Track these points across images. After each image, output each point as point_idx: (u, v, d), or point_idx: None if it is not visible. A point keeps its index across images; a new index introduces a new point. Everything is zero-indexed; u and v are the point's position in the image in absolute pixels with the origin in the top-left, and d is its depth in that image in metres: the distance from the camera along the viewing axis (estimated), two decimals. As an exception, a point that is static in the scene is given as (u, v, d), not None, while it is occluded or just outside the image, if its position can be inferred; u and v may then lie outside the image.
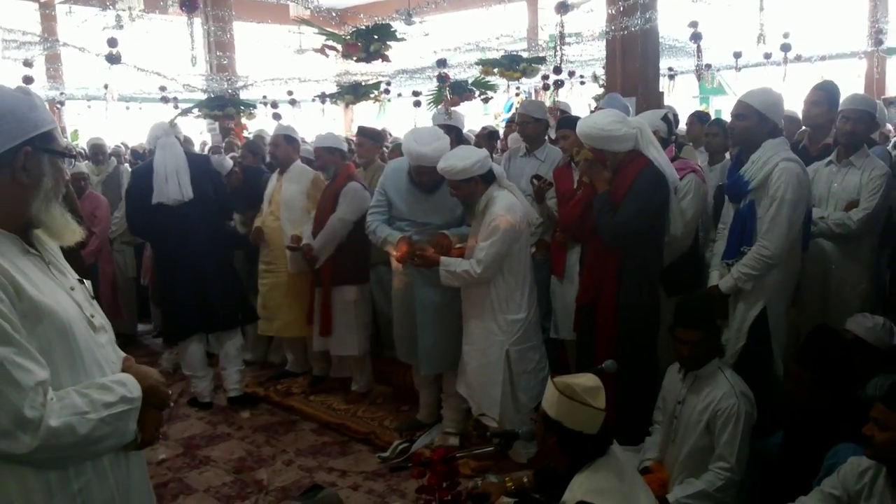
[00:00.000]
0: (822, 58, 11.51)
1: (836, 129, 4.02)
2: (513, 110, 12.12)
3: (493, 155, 5.28)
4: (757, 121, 3.37)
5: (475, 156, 3.66)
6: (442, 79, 6.09)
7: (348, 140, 6.62)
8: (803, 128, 4.94)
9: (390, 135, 8.55)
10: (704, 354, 3.04)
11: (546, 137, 4.86)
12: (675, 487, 3.00)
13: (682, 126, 6.24)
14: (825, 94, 4.20)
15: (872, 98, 4.07)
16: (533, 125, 4.70)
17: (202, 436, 4.51)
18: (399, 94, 11.73)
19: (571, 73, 11.19)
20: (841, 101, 4.09)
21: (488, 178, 3.71)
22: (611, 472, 2.38)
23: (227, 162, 5.87)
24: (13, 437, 1.45)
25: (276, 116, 10.34)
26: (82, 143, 10.28)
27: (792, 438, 2.93)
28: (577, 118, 4.42)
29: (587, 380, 2.45)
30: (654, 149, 3.55)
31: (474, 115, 10.46)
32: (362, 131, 5.52)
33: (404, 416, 4.56)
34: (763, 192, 3.32)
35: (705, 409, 2.98)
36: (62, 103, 11.70)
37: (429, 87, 9.79)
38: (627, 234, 3.43)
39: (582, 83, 12.06)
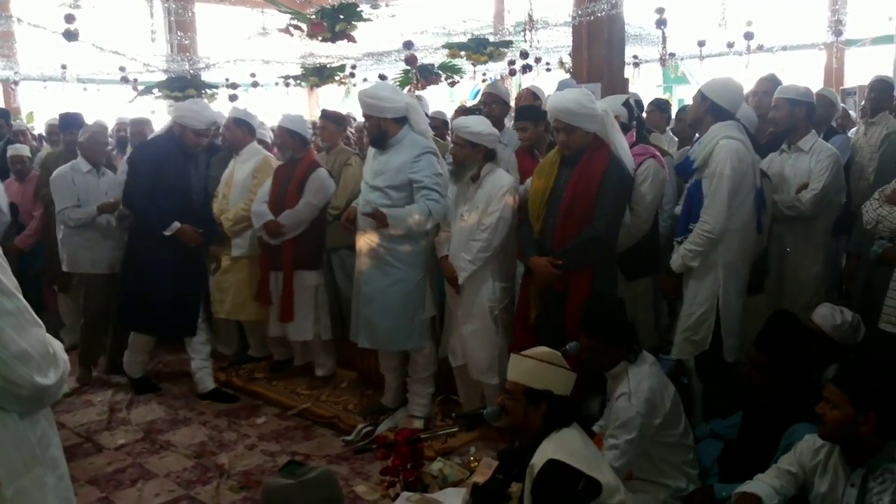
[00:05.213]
0: (784, 48, 11.67)
1: (770, 117, 4.15)
2: (478, 98, 12.06)
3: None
4: (708, 106, 3.50)
5: (490, 130, 3.89)
6: (409, 61, 6.01)
7: (313, 124, 6.53)
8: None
9: (354, 119, 8.41)
10: (600, 360, 3.01)
11: (505, 122, 4.96)
12: None
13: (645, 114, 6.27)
14: (773, 84, 4.37)
15: (802, 87, 4.13)
16: (499, 107, 4.85)
17: (163, 420, 4.45)
18: (364, 79, 11.59)
19: (538, 60, 11.16)
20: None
21: (490, 155, 3.90)
22: (577, 437, 2.45)
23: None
24: (44, 372, 1.60)
25: (233, 98, 10.15)
26: (38, 125, 9.99)
27: (750, 420, 2.99)
28: (535, 109, 4.42)
29: (545, 349, 2.59)
30: (618, 135, 3.59)
31: (440, 102, 10.39)
32: (326, 115, 5.44)
33: (368, 400, 4.54)
34: (707, 170, 3.42)
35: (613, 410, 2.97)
36: (17, 83, 11.31)
37: (395, 71, 9.69)
38: (610, 236, 3.53)
39: (548, 70, 12.05)
